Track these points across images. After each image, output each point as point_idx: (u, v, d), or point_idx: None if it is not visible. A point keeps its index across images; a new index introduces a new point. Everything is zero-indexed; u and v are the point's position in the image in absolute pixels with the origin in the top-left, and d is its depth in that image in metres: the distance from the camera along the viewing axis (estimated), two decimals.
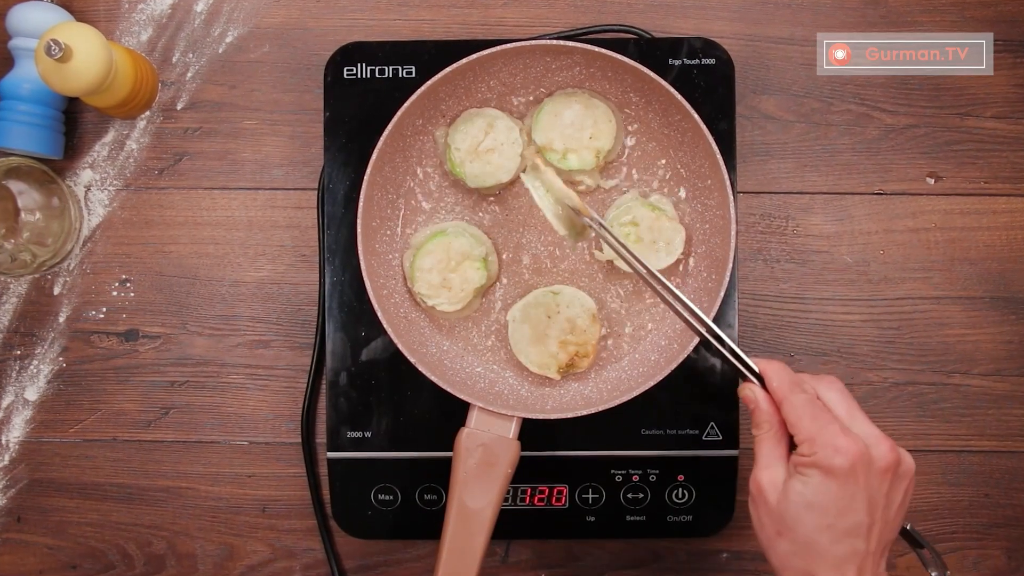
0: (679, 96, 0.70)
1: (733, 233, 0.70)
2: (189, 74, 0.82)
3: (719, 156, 0.70)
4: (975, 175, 0.81)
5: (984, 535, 0.81)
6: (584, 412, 0.70)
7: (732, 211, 0.70)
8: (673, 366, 0.70)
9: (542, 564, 0.82)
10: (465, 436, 0.70)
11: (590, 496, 0.78)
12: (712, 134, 0.70)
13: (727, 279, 0.70)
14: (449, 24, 0.82)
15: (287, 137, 0.82)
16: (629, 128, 0.75)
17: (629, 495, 0.78)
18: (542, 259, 0.76)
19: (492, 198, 0.76)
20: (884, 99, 0.81)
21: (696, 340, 0.71)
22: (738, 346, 0.61)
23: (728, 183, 0.70)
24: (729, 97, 0.76)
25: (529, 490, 0.78)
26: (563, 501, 0.78)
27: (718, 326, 0.76)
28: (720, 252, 0.72)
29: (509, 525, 0.76)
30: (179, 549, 0.82)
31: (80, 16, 0.80)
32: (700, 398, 0.77)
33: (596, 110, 0.73)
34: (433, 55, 0.76)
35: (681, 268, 0.75)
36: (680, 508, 0.78)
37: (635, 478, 0.78)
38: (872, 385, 0.81)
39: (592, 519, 0.78)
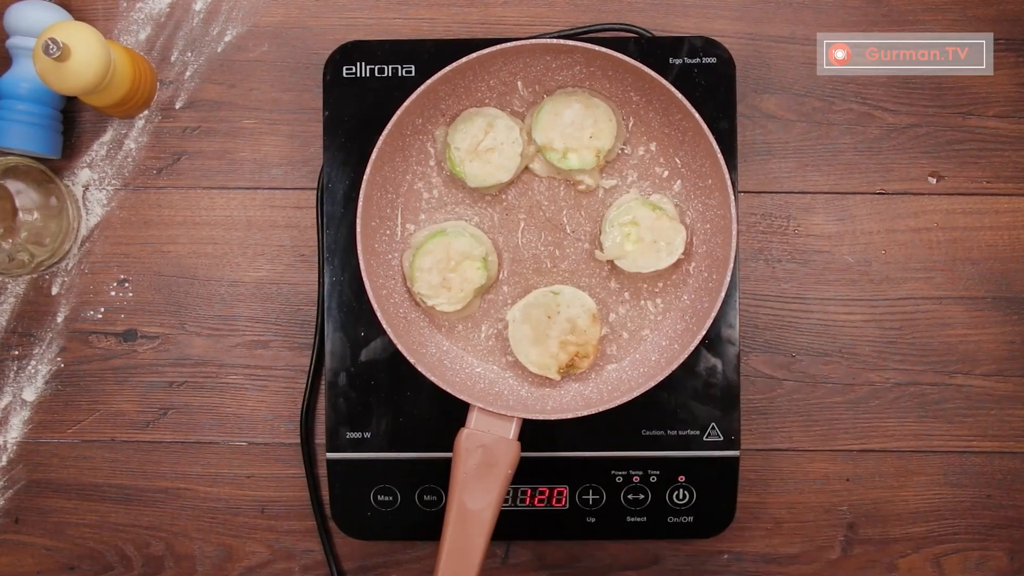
0: (679, 95, 0.70)
1: (734, 233, 0.70)
2: (188, 73, 0.81)
3: (720, 155, 0.70)
4: (977, 175, 0.81)
5: (986, 536, 0.81)
6: (584, 412, 0.70)
7: (733, 210, 0.70)
8: (674, 366, 0.70)
9: (542, 565, 0.81)
10: (465, 437, 0.70)
11: (590, 497, 0.78)
12: (713, 133, 0.70)
13: (728, 279, 0.70)
14: (449, 23, 0.81)
15: (286, 136, 0.81)
16: (629, 127, 0.75)
17: (629, 496, 0.77)
18: (542, 259, 0.76)
19: (492, 197, 0.76)
20: (886, 98, 0.81)
21: (697, 340, 0.70)
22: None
23: (729, 182, 0.70)
24: (730, 96, 0.76)
25: (529, 491, 0.78)
26: (563, 502, 0.78)
27: (719, 325, 0.76)
28: (721, 252, 0.71)
29: (509, 526, 0.76)
30: (178, 550, 0.81)
31: (78, 15, 0.80)
32: (701, 399, 0.77)
33: (596, 109, 0.73)
34: (433, 54, 0.76)
35: (682, 268, 0.75)
36: (681, 509, 0.77)
37: (636, 479, 0.77)
38: (874, 385, 0.81)
39: (592, 520, 0.78)
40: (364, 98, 0.76)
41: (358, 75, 0.77)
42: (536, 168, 0.75)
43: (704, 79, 0.76)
